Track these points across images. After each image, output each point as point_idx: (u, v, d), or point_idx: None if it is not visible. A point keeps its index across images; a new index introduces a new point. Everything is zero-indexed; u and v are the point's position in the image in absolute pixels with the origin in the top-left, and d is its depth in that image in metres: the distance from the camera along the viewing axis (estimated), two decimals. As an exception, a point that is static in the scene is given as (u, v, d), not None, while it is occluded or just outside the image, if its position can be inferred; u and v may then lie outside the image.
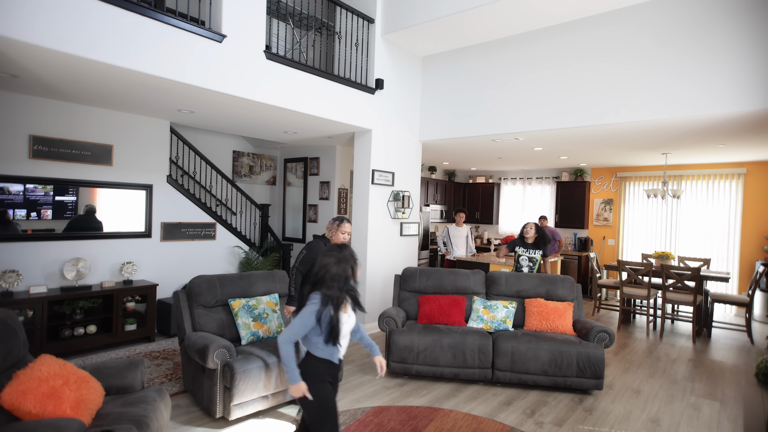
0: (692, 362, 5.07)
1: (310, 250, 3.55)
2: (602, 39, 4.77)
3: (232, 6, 4.11)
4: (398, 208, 6.07)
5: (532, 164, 9.01)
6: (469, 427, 3.37)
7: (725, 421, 3.64)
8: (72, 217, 4.83)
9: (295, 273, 3.57)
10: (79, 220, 4.89)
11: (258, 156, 7.97)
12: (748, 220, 7.39)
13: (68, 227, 4.81)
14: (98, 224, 5.04)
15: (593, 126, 4.90)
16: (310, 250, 3.55)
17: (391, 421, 3.44)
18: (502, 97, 5.51)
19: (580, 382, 4.00)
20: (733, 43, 4.05)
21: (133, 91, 4.17)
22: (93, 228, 4.99)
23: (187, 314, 3.65)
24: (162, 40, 3.59)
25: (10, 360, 2.42)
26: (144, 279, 5.40)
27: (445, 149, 7.26)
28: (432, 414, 3.56)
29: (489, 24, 5.14)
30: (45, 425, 2.05)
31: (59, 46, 3.05)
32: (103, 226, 5.07)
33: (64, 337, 4.53)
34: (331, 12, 6.00)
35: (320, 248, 3.46)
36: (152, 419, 2.44)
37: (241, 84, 4.20)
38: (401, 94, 6.05)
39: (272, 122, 5.49)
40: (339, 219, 3.60)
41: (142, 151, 5.39)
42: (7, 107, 4.40)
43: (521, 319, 4.57)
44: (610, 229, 8.89)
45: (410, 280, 4.81)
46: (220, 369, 3.20)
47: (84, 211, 4.91)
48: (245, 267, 6.28)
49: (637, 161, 7.83)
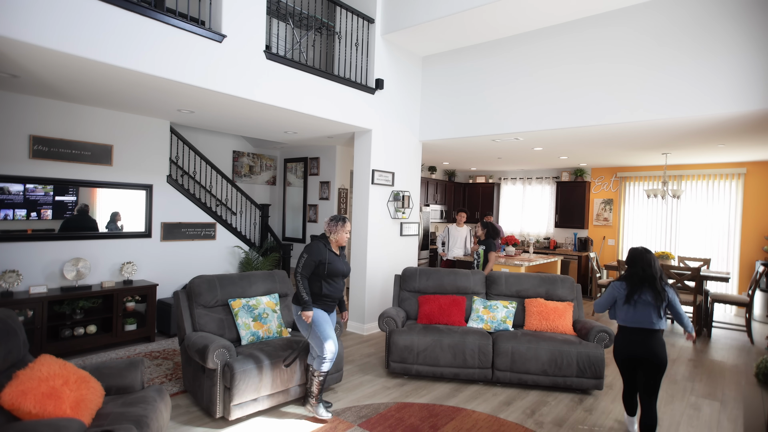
0: (692, 362, 5.07)
1: (311, 253, 3.37)
2: (602, 39, 4.77)
3: (232, 6, 4.11)
4: (398, 208, 6.07)
5: (532, 164, 9.01)
6: (490, 428, 3.36)
7: (725, 421, 3.64)
8: (67, 217, 4.79)
9: (300, 279, 3.33)
10: (73, 219, 4.84)
11: (258, 156, 7.97)
12: (748, 220, 7.39)
13: (63, 227, 4.77)
14: (93, 223, 4.99)
15: (593, 126, 4.90)
16: (311, 252, 3.37)
17: (412, 416, 3.48)
18: (502, 97, 5.51)
19: (580, 382, 4.00)
20: (733, 43, 4.05)
21: (133, 91, 4.17)
22: (88, 228, 4.95)
23: (187, 314, 3.65)
24: (162, 40, 3.59)
25: (10, 360, 2.42)
26: (144, 279, 5.40)
27: (445, 149, 7.26)
28: (454, 413, 3.57)
29: (489, 24, 5.14)
30: (45, 425, 2.05)
31: (59, 46, 3.05)
32: (98, 225, 5.02)
33: (64, 337, 4.53)
34: (331, 12, 6.00)
35: (321, 250, 3.39)
36: (152, 419, 2.44)
37: (241, 84, 4.20)
38: (401, 94, 6.05)
39: (272, 122, 5.49)
40: (341, 219, 3.49)
41: (142, 151, 5.39)
42: (7, 107, 4.40)
43: (521, 319, 4.57)
44: (610, 229, 8.89)
45: (410, 280, 4.81)
46: (220, 369, 3.20)
47: (77, 211, 4.86)
48: (245, 267, 6.28)
49: (637, 161, 7.83)
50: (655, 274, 3.04)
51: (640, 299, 3.03)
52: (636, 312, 3.04)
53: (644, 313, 3.01)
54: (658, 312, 3.00)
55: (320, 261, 3.37)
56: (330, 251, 3.44)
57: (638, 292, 3.04)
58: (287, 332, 3.91)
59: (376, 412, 3.54)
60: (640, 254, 3.12)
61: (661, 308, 3.00)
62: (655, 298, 3.00)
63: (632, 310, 3.05)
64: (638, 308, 3.03)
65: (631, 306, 3.05)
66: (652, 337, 3.01)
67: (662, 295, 3.00)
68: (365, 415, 3.49)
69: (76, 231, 4.86)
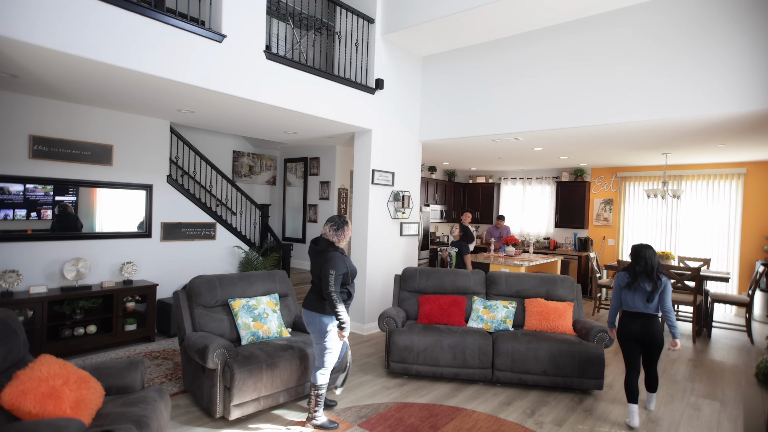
0: (692, 362, 5.07)
1: (337, 268, 3.16)
2: (602, 40, 4.77)
3: (232, 6, 4.11)
4: (398, 208, 6.07)
5: (532, 164, 9.01)
6: (490, 428, 3.36)
7: (725, 421, 3.64)
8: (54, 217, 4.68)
9: (336, 297, 3.15)
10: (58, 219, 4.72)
11: (258, 156, 7.97)
12: (748, 220, 7.39)
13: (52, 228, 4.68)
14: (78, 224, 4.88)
15: (593, 126, 4.90)
16: (337, 268, 3.17)
17: (411, 416, 3.48)
18: (502, 97, 5.51)
19: (580, 382, 4.00)
20: (733, 44, 4.05)
21: (133, 91, 4.17)
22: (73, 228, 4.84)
23: (187, 314, 3.65)
24: (162, 41, 3.59)
25: (10, 360, 2.42)
26: (144, 279, 5.40)
27: (445, 149, 7.27)
28: (454, 413, 3.57)
29: (489, 24, 5.14)
30: (45, 425, 2.05)
31: (59, 46, 3.05)
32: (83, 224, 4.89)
33: (64, 337, 4.53)
34: (331, 12, 6.00)
35: (343, 261, 3.23)
36: (152, 419, 2.44)
37: (241, 84, 4.20)
38: (401, 94, 6.05)
39: (272, 122, 5.49)
40: (344, 222, 3.32)
41: (142, 151, 5.39)
42: (7, 107, 4.40)
43: (521, 319, 4.57)
44: (610, 229, 8.89)
45: (410, 280, 4.81)
46: (220, 369, 3.20)
47: (59, 211, 4.72)
48: (245, 267, 6.29)
49: (637, 161, 7.83)
50: (654, 266, 3.47)
51: (640, 287, 3.47)
52: (635, 298, 3.49)
53: (642, 299, 3.47)
54: (649, 300, 3.45)
55: (345, 272, 3.24)
56: (347, 258, 3.32)
57: (638, 280, 3.48)
58: (287, 332, 3.91)
59: (376, 412, 3.54)
60: (641, 249, 3.54)
61: (655, 295, 3.43)
62: (652, 286, 3.44)
63: (632, 296, 3.50)
64: (637, 295, 3.49)
65: (631, 292, 3.50)
66: (650, 321, 3.47)
67: (657, 284, 3.43)
68: (365, 415, 3.49)
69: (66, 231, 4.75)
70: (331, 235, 3.29)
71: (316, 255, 3.33)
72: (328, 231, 3.30)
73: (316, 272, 3.31)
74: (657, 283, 3.43)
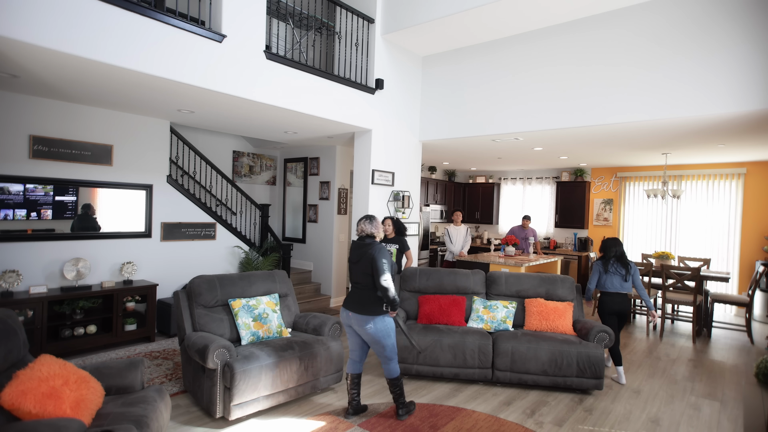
0: (692, 362, 5.07)
1: (387, 257, 3.25)
2: (602, 40, 4.77)
3: (232, 6, 4.11)
4: (398, 208, 6.07)
5: (532, 164, 9.01)
6: (490, 428, 3.36)
7: (725, 421, 3.64)
8: (73, 217, 4.83)
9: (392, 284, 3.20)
10: (79, 219, 4.89)
11: (258, 156, 7.97)
12: (748, 220, 7.39)
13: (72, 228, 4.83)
14: (97, 225, 5.04)
15: (593, 126, 4.90)
16: (386, 255, 3.25)
17: (411, 416, 3.49)
18: (503, 97, 5.51)
19: (580, 382, 4.00)
20: (733, 44, 4.05)
21: (133, 91, 4.17)
22: (91, 228, 4.99)
23: (187, 314, 3.65)
24: (162, 40, 3.59)
25: (10, 360, 2.42)
26: (144, 279, 5.40)
27: (445, 149, 7.27)
28: (454, 413, 3.57)
29: (489, 24, 5.14)
30: (45, 425, 2.05)
31: (59, 46, 3.05)
32: (100, 226, 5.05)
33: (64, 337, 4.53)
34: (331, 12, 6.00)
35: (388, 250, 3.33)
36: (152, 419, 2.44)
37: (241, 84, 4.20)
38: (401, 94, 6.05)
39: (272, 122, 5.49)
40: (374, 217, 3.42)
41: (142, 151, 5.39)
42: (7, 107, 4.40)
43: (521, 319, 4.57)
44: (610, 229, 8.89)
45: (410, 280, 4.81)
46: (220, 369, 3.20)
47: (81, 211, 4.91)
48: (245, 267, 6.28)
49: (637, 161, 7.83)
50: (621, 253, 4.46)
51: (616, 272, 4.40)
52: (614, 280, 4.39)
53: (617, 280, 4.39)
54: (626, 280, 4.38)
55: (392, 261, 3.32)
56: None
57: (613, 265, 4.42)
58: (287, 332, 3.90)
59: (376, 412, 3.54)
60: (611, 241, 4.52)
61: (627, 277, 4.37)
62: (625, 270, 4.39)
63: (611, 279, 4.40)
64: (615, 278, 4.40)
65: (609, 277, 4.40)
66: (625, 298, 4.40)
67: (627, 268, 4.39)
68: (365, 415, 3.49)
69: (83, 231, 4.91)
70: (369, 228, 3.35)
71: (360, 251, 3.32)
72: (365, 226, 3.37)
73: (362, 270, 3.27)
74: (628, 267, 4.38)
